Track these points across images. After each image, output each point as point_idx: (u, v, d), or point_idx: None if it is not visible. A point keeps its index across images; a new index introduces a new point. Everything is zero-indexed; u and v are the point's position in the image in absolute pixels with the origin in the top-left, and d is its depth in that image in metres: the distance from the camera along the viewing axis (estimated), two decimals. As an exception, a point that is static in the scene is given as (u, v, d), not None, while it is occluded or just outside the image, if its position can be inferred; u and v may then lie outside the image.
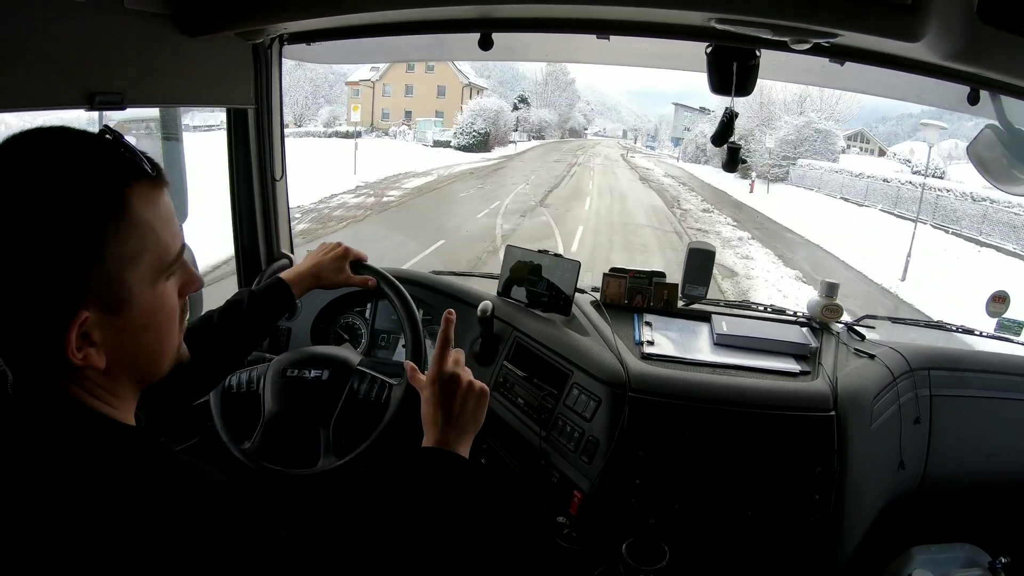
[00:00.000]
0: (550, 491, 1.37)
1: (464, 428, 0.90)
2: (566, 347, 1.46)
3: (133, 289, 0.58)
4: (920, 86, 1.32)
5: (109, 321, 0.58)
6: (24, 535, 0.51)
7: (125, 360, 0.60)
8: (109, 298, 0.57)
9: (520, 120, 48.87)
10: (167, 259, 0.61)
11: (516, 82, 63.82)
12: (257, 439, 1.28)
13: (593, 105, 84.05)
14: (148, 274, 0.60)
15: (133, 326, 0.60)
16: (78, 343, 0.56)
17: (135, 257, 0.58)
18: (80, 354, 0.56)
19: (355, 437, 1.27)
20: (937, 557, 1.49)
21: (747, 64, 1.23)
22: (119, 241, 0.56)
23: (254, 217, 1.76)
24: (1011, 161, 1.25)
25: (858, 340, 1.61)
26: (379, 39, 1.48)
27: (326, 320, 1.72)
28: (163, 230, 0.60)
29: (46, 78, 1.04)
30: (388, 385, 1.31)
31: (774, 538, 1.27)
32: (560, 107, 54.99)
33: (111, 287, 0.57)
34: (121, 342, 0.59)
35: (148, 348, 0.63)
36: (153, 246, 0.59)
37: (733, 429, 1.28)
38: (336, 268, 1.29)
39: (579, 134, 64.36)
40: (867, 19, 0.91)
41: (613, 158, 41.62)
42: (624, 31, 1.30)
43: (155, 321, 0.62)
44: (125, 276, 0.58)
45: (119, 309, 0.58)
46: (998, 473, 1.54)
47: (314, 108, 40.47)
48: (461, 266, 4.97)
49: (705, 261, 1.68)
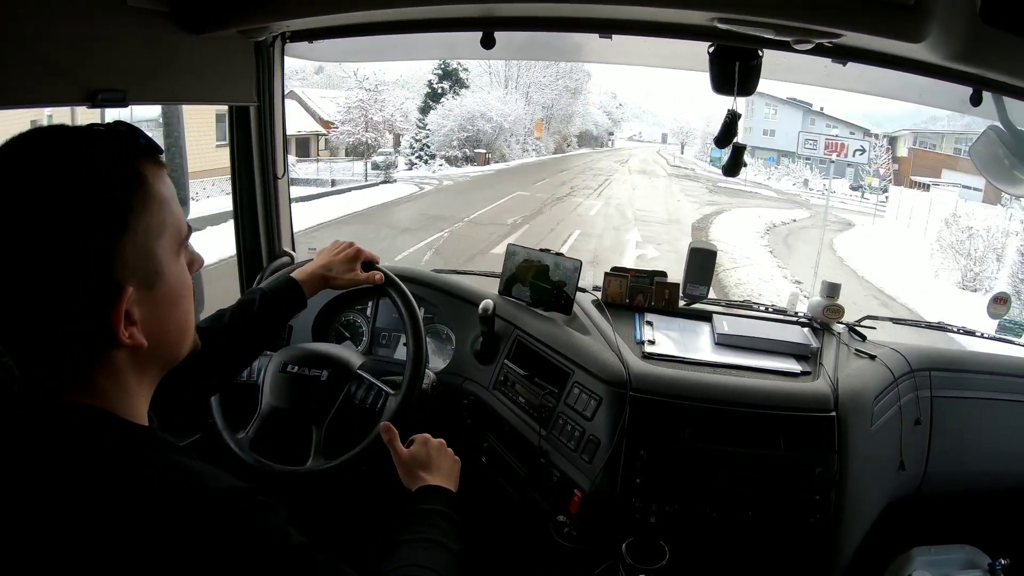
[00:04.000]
0: (550, 490, 1.37)
1: (447, 480, 1.03)
2: (567, 346, 1.46)
3: (163, 261, 0.60)
4: (922, 87, 1.32)
5: (146, 297, 0.59)
6: (26, 540, 0.51)
7: (158, 338, 0.61)
8: (144, 271, 0.59)
9: (429, 128, 27.01)
10: (183, 232, 0.63)
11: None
12: (252, 430, 1.30)
13: (628, 106, 63.10)
14: (171, 247, 0.62)
15: (166, 301, 0.61)
16: (124, 321, 0.57)
17: (160, 229, 0.60)
18: (127, 333, 0.57)
19: (346, 442, 1.27)
20: (937, 558, 1.49)
21: (749, 64, 1.22)
22: (145, 214, 0.58)
23: (256, 215, 1.76)
24: (1013, 162, 1.25)
25: (859, 341, 1.61)
26: (382, 37, 1.48)
27: (327, 317, 1.72)
28: (175, 205, 0.62)
29: (48, 75, 1.04)
30: (385, 394, 1.31)
31: (774, 538, 1.27)
32: (551, 97, 33.55)
33: (145, 260, 0.58)
34: (156, 319, 0.60)
35: (177, 325, 0.64)
36: (171, 219, 0.61)
37: (734, 429, 1.28)
38: (347, 268, 1.28)
39: (600, 141, 46.86)
40: (870, 19, 0.91)
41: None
42: (626, 30, 1.30)
43: (182, 295, 0.64)
44: (154, 248, 0.59)
45: (153, 282, 0.59)
46: (998, 474, 1.54)
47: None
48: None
49: (706, 260, 1.68)
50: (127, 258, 0.57)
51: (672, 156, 45.85)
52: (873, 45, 1.15)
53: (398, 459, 1.06)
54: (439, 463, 1.05)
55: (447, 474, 1.05)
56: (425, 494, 0.99)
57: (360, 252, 1.30)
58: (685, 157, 45.40)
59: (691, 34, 1.24)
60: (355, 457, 1.25)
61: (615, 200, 21.24)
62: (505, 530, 1.54)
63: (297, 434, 1.30)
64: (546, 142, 35.32)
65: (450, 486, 1.03)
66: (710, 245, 1.72)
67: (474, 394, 1.56)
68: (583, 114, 40.98)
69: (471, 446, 1.53)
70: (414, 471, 1.04)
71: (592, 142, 45.79)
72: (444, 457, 1.07)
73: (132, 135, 0.60)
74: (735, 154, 1.33)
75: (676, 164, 40.11)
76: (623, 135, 56.74)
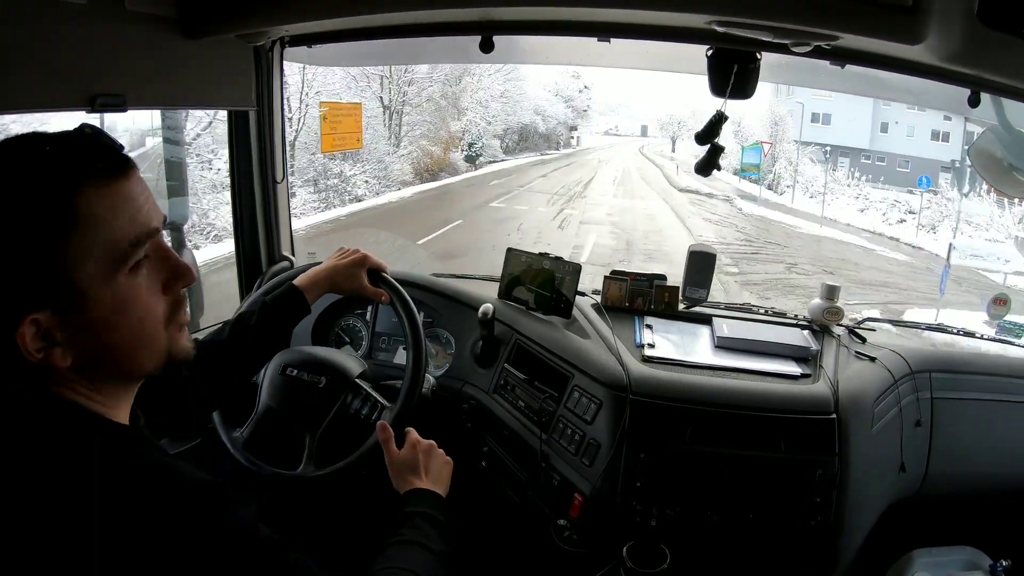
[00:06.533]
0: (551, 494, 1.37)
1: (435, 483, 1.04)
2: (567, 350, 1.45)
3: (85, 289, 0.58)
4: (921, 88, 1.32)
5: (67, 321, 0.58)
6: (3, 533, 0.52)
7: (96, 358, 0.60)
8: (59, 299, 0.57)
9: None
10: (120, 248, 0.59)
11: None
12: (248, 429, 1.30)
13: (602, 99, 43.34)
14: (99, 272, 0.59)
15: (95, 325, 0.59)
16: (38, 343, 0.57)
17: (82, 256, 0.57)
18: (40, 354, 0.57)
19: (338, 451, 1.27)
20: (938, 560, 1.48)
21: (748, 67, 1.23)
22: (63, 243, 0.56)
23: (255, 219, 1.76)
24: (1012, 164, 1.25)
25: (859, 343, 1.61)
26: (380, 42, 1.49)
27: (327, 320, 1.72)
28: (116, 220, 0.59)
29: (48, 80, 1.05)
30: (380, 407, 1.30)
31: (775, 541, 1.27)
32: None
33: (58, 288, 0.57)
34: (86, 341, 0.59)
35: (119, 346, 0.62)
36: (102, 241, 0.58)
37: (734, 432, 1.28)
38: (351, 275, 1.27)
39: (553, 141, 31.88)
40: (867, 21, 0.91)
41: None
42: (624, 33, 1.30)
43: (120, 319, 0.61)
44: (74, 276, 0.57)
45: (72, 309, 0.58)
46: (999, 476, 1.53)
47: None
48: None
49: (706, 263, 1.68)
50: (38, 287, 0.56)
51: (661, 156, 34.72)
52: (871, 47, 1.15)
53: (390, 461, 1.07)
54: (426, 465, 1.06)
55: (435, 476, 1.05)
56: (410, 497, 0.99)
57: (366, 258, 1.29)
58: (680, 157, 32.75)
59: (689, 37, 1.24)
60: (344, 468, 1.25)
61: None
62: (506, 534, 1.54)
63: (291, 437, 1.30)
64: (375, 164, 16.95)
65: (438, 488, 1.03)
66: (709, 248, 1.71)
67: (474, 398, 1.55)
68: (513, 104, 25.10)
69: (471, 450, 1.53)
70: (402, 474, 1.05)
71: (539, 143, 30.50)
72: (433, 459, 1.08)
73: (93, 140, 0.59)
74: (713, 152, 1.29)
75: (686, 187, 22.78)
76: (595, 128, 43.69)
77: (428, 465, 1.06)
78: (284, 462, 1.28)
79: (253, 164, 1.71)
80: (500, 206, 16.91)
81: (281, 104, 1.70)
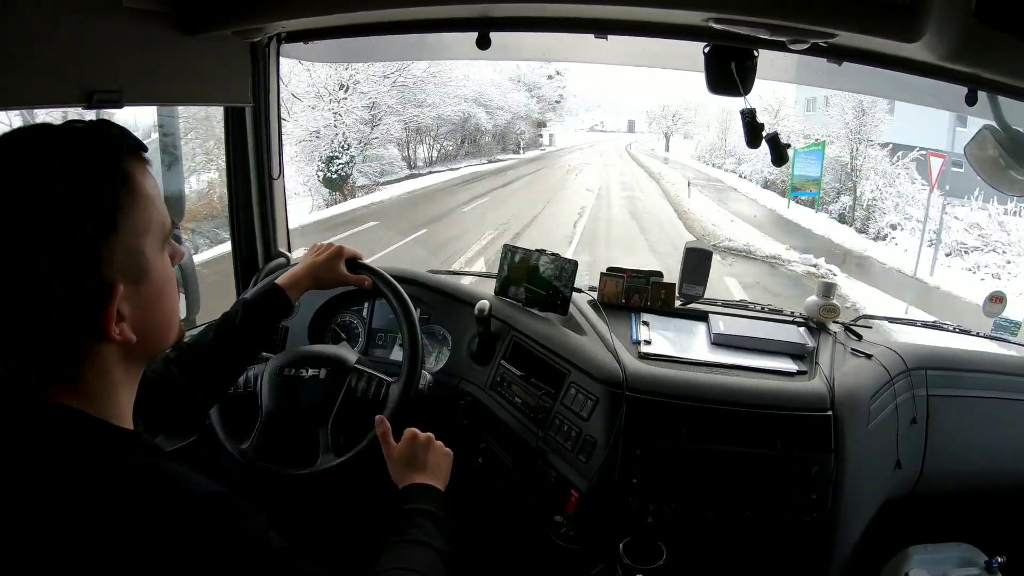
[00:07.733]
0: (547, 490, 1.37)
1: (434, 478, 1.03)
2: (563, 346, 1.46)
3: (149, 257, 0.61)
4: (918, 86, 1.32)
5: (134, 293, 0.60)
6: (5, 543, 0.51)
7: (145, 332, 0.62)
8: (133, 269, 0.59)
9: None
10: (167, 227, 0.64)
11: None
12: (255, 439, 1.29)
13: (585, 94, 41.19)
14: (157, 242, 0.62)
15: (152, 296, 0.62)
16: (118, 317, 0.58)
17: (146, 226, 0.61)
18: (117, 329, 0.58)
19: (354, 435, 1.27)
20: (934, 556, 1.49)
21: (745, 64, 1.22)
22: (132, 211, 0.59)
23: (251, 216, 1.76)
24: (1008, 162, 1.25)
25: (855, 340, 1.61)
26: (376, 38, 1.48)
27: (323, 319, 1.72)
28: (160, 202, 0.63)
29: (44, 76, 1.04)
30: (385, 383, 1.31)
31: (771, 537, 1.27)
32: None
33: (133, 258, 0.59)
34: (143, 313, 0.61)
35: (163, 317, 0.65)
36: (157, 216, 0.62)
37: (730, 429, 1.28)
38: (330, 268, 1.27)
39: (512, 144, 25.92)
40: (864, 19, 0.91)
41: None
42: (622, 30, 1.30)
43: (166, 289, 0.65)
44: (142, 245, 0.60)
45: (140, 278, 0.60)
46: (995, 472, 1.54)
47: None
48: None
49: (702, 260, 1.68)
50: (116, 257, 0.57)
51: (651, 157, 28.56)
52: (868, 45, 1.15)
53: (388, 456, 1.06)
54: (425, 459, 1.05)
55: (434, 470, 1.04)
56: (410, 493, 0.99)
57: (342, 250, 1.30)
58: (674, 157, 27.75)
59: (686, 34, 1.24)
60: (366, 448, 1.25)
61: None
62: (502, 531, 1.54)
63: (301, 437, 1.29)
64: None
65: (437, 483, 1.02)
66: (706, 245, 1.72)
67: (470, 395, 1.56)
68: (425, 91, 17.83)
69: (468, 447, 1.53)
70: (401, 469, 1.04)
71: (490, 147, 23.60)
72: (431, 453, 1.07)
73: (121, 135, 0.61)
74: (773, 146, 1.25)
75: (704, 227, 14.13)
76: (579, 125, 37.60)
77: (427, 458, 1.05)
78: (299, 461, 1.27)
79: (249, 161, 1.70)
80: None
81: (278, 100, 1.69)
